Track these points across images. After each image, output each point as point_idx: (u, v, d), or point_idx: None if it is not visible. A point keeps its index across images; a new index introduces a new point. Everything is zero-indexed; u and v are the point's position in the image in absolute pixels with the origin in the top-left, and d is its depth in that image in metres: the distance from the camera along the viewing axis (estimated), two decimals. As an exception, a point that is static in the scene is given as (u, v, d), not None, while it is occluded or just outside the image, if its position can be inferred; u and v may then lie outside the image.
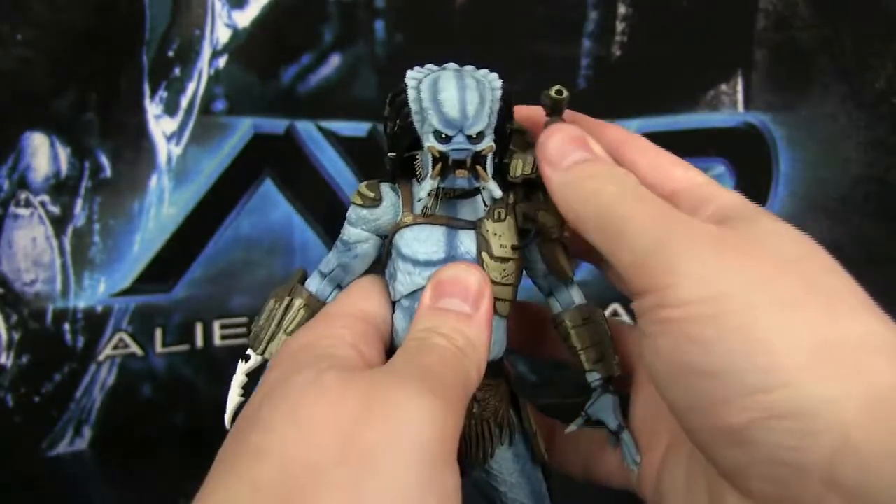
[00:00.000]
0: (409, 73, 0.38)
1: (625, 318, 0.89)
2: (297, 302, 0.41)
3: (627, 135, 0.42)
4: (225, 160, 0.83)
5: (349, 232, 0.40)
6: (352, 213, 0.40)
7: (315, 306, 0.41)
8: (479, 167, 0.35)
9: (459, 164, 0.35)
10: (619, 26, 0.86)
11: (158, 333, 0.83)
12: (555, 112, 0.39)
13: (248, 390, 0.42)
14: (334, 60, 0.85)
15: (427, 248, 0.38)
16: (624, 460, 0.40)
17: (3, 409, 0.76)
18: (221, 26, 0.80)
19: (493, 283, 0.38)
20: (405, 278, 0.38)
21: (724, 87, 0.85)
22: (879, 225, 0.75)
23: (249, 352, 0.43)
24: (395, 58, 0.86)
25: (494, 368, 0.39)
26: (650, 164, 0.40)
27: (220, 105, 0.82)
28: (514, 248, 0.39)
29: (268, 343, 0.42)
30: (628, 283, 0.33)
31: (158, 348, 0.83)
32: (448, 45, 0.83)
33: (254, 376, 0.42)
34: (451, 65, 0.38)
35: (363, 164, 0.88)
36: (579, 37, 0.87)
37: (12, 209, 0.74)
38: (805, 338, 0.29)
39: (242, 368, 0.43)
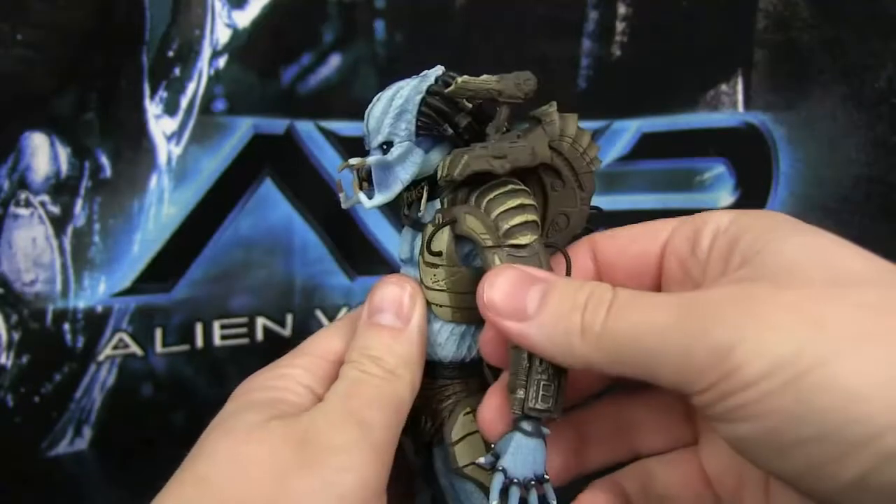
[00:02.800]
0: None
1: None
2: None
3: (594, 237, 0.40)
4: (225, 160, 0.83)
5: None
6: None
7: None
8: (356, 181, 0.38)
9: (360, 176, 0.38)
10: (619, 26, 0.86)
11: (158, 333, 0.83)
12: (492, 100, 0.37)
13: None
14: (334, 60, 0.85)
15: (403, 247, 0.41)
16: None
17: (3, 409, 0.76)
18: (221, 26, 0.80)
19: (426, 287, 0.38)
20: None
21: (724, 87, 0.85)
22: (879, 225, 0.75)
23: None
24: (395, 58, 0.86)
25: (461, 368, 0.39)
26: (630, 239, 0.38)
27: (220, 105, 0.82)
28: (439, 253, 0.37)
29: None
30: (678, 389, 0.30)
31: (158, 348, 0.83)
32: (448, 45, 0.83)
33: None
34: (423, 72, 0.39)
35: (363, 164, 0.88)
36: (579, 37, 0.87)
37: (12, 209, 0.74)
38: (885, 371, 0.26)
39: None
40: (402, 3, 0.85)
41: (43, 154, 0.75)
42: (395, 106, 0.38)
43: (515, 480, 0.34)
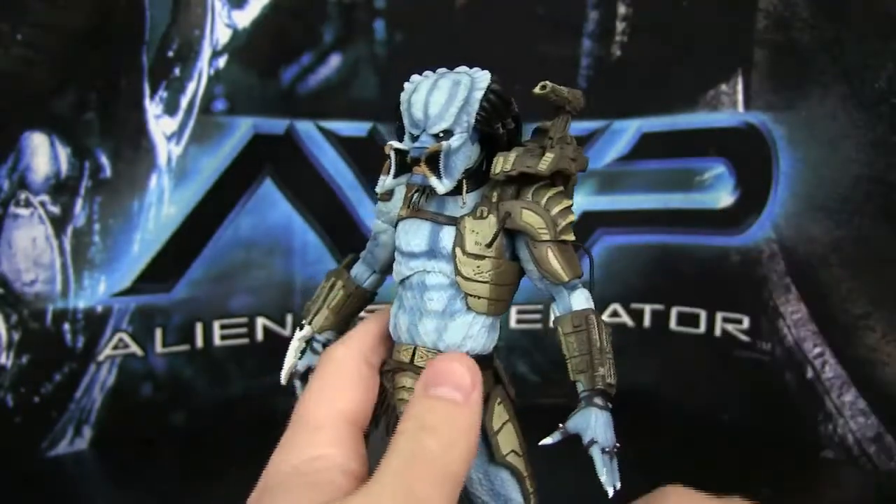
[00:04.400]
0: (412, 77, 0.40)
1: (625, 318, 0.89)
2: (339, 283, 0.46)
3: (662, 495, 0.40)
4: (225, 160, 0.83)
5: (374, 223, 0.44)
6: (376, 206, 0.44)
7: (350, 288, 0.46)
8: (422, 163, 0.37)
9: (416, 161, 0.37)
10: (619, 26, 0.86)
11: (158, 333, 0.83)
12: (558, 108, 0.39)
13: (302, 355, 0.46)
14: (334, 60, 0.85)
15: (413, 240, 0.40)
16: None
17: (3, 409, 0.76)
18: (221, 26, 0.80)
19: (466, 278, 0.39)
20: (396, 267, 0.41)
21: (724, 87, 0.85)
22: (879, 225, 0.75)
23: (304, 321, 0.46)
24: (395, 58, 0.86)
25: (480, 361, 0.39)
26: None
27: (220, 105, 0.82)
28: (488, 245, 0.39)
29: (314, 315, 0.46)
30: None
31: (158, 348, 0.83)
32: (448, 45, 0.83)
33: (308, 342, 0.46)
34: (441, 70, 0.39)
35: (363, 164, 0.88)
36: (579, 37, 0.87)
37: (12, 209, 0.74)
38: None
39: (298, 335, 0.46)
40: (402, 3, 0.85)
41: (43, 154, 0.75)
42: (461, 97, 0.38)
43: (606, 449, 0.37)
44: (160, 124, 0.80)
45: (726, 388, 0.89)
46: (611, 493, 0.37)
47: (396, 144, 0.37)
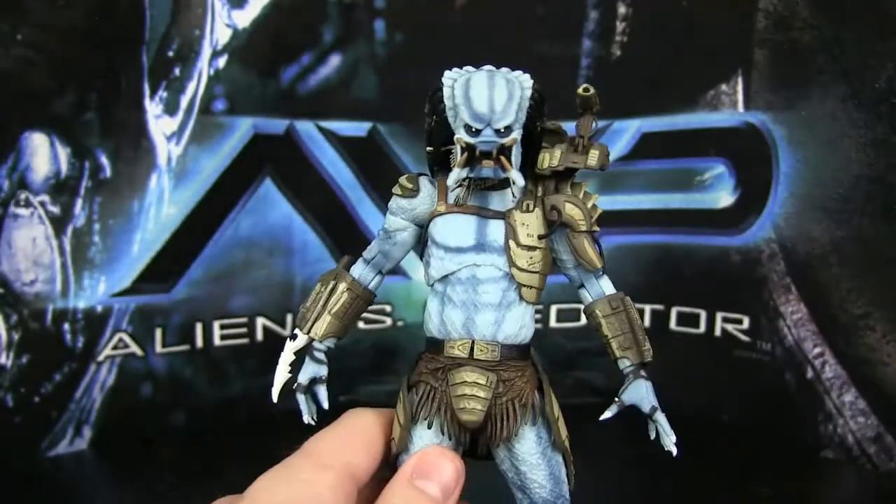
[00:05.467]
0: (447, 73, 0.40)
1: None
2: (341, 286, 0.44)
3: None
4: (225, 160, 0.83)
5: (389, 221, 0.44)
6: (392, 203, 0.44)
7: (357, 290, 0.44)
8: (503, 157, 0.38)
9: (486, 155, 0.38)
10: (619, 26, 0.86)
11: (158, 333, 0.83)
12: (586, 109, 0.41)
13: (294, 367, 0.44)
14: (334, 60, 0.85)
15: (458, 235, 0.41)
16: (661, 443, 0.42)
17: (3, 409, 0.76)
18: (221, 26, 0.80)
19: (520, 269, 0.41)
20: (438, 263, 0.42)
21: (724, 87, 0.85)
22: (879, 225, 0.75)
23: (297, 331, 0.44)
24: (395, 58, 0.86)
25: (521, 352, 0.42)
26: None
27: (220, 105, 0.82)
28: (540, 237, 0.41)
29: (313, 323, 0.44)
30: None
31: (158, 348, 0.83)
32: (448, 45, 0.83)
33: (300, 354, 0.44)
34: (487, 67, 0.40)
35: (363, 164, 0.88)
36: (579, 37, 0.87)
37: (12, 209, 0.74)
38: None
39: (290, 347, 0.44)
40: (402, 3, 0.85)
41: (43, 154, 0.75)
42: (517, 95, 0.40)
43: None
44: (160, 124, 0.80)
45: (726, 388, 0.89)
46: (675, 451, 0.41)
47: (467, 139, 0.38)
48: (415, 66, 0.84)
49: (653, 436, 0.42)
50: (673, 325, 0.91)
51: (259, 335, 0.87)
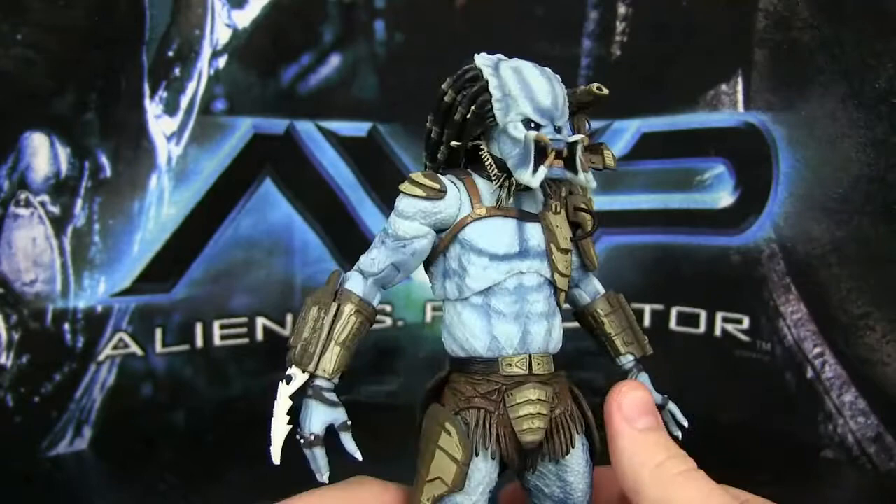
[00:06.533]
0: (480, 59, 0.37)
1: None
2: (347, 308, 0.37)
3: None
4: (225, 160, 0.83)
5: (404, 227, 0.37)
6: (408, 206, 0.37)
7: (366, 312, 0.37)
8: (579, 157, 0.36)
9: (558, 153, 0.35)
10: (619, 26, 0.86)
11: (158, 333, 0.83)
12: (593, 105, 0.40)
13: (293, 415, 0.35)
14: (334, 60, 0.85)
15: (504, 241, 0.38)
16: (670, 428, 0.42)
17: (3, 409, 0.76)
18: (221, 26, 0.80)
19: (561, 274, 0.39)
20: (479, 273, 0.37)
21: (724, 87, 0.85)
22: (879, 225, 0.75)
23: (292, 371, 0.36)
24: (395, 58, 0.86)
25: (556, 361, 0.39)
26: None
27: (220, 105, 0.82)
28: (571, 239, 0.40)
29: (319, 358, 0.36)
30: None
31: (158, 348, 0.83)
32: (448, 45, 0.83)
33: (297, 398, 0.36)
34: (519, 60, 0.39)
35: (363, 164, 0.88)
36: (579, 37, 0.87)
37: (12, 209, 0.74)
38: None
39: (286, 391, 0.36)
40: (402, 3, 0.85)
41: (43, 154, 0.75)
42: (564, 92, 0.38)
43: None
44: (160, 124, 0.80)
45: (726, 388, 0.89)
46: (680, 435, 0.42)
47: (549, 137, 0.35)
48: (415, 66, 0.84)
49: (673, 429, 0.43)
50: (673, 325, 0.91)
51: (259, 335, 0.87)
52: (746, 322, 0.87)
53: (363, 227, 0.89)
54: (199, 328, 0.85)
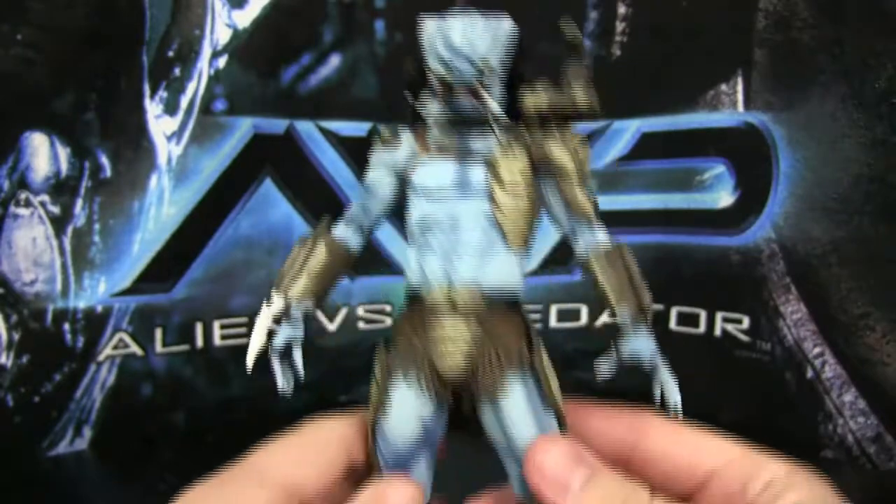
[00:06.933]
0: (426, 19, 0.40)
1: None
2: (320, 245, 0.43)
3: (643, 419, 0.40)
4: (225, 160, 0.83)
5: (369, 175, 0.43)
6: (372, 156, 0.43)
7: (337, 250, 0.43)
8: (480, 89, 0.37)
9: (462, 87, 0.37)
10: (619, 26, 0.86)
11: (158, 333, 0.83)
12: (572, 51, 0.41)
13: (271, 334, 0.42)
14: (334, 60, 0.85)
15: (439, 178, 0.40)
16: (666, 399, 0.39)
17: (3, 409, 0.76)
18: (221, 26, 0.80)
19: (504, 213, 0.39)
20: (416, 210, 0.40)
21: (724, 87, 0.85)
22: (879, 225, 0.75)
23: (273, 295, 0.43)
24: (395, 58, 0.86)
25: (507, 301, 0.40)
26: (680, 450, 0.39)
27: (220, 105, 0.82)
28: (524, 180, 0.40)
29: (290, 284, 0.43)
30: None
31: (158, 348, 0.83)
32: (448, 45, 0.83)
33: (277, 320, 0.42)
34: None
35: (363, 164, 0.88)
36: (579, 37, 0.87)
37: (12, 209, 0.74)
38: None
39: (267, 312, 0.43)
40: (402, 3, 0.85)
41: (43, 154, 0.75)
42: (495, 33, 0.40)
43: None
44: (160, 124, 0.80)
45: (726, 388, 0.89)
46: (679, 406, 0.39)
47: (442, 71, 0.37)
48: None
49: (657, 394, 0.39)
50: (673, 325, 0.91)
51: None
52: (746, 322, 0.87)
53: (363, 227, 0.89)
54: (199, 328, 0.85)
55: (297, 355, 0.42)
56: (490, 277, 0.39)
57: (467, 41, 0.38)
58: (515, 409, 0.39)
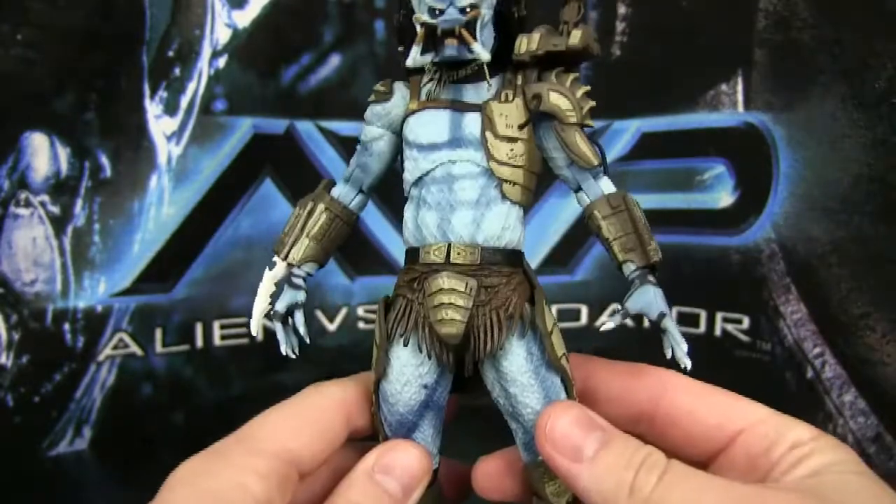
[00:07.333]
0: None
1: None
2: (320, 206, 0.42)
3: (667, 378, 0.40)
4: (225, 160, 0.83)
5: (365, 131, 0.42)
6: (367, 112, 0.42)
7: (336, 210, 0.42)
8: (464, 31, 0.35)
9: (449, 33, 0.35)
10: (619, 26, 0.86)
11: (158, 333, 0.83)
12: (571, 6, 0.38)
13: (274, 298, 0.42)
14: (334, 60, 0.85)
15: (431, 131, 0.38)
16: (675, 355, 0.38)
17: (3, 409, 0.76)
18: (221, 26, 0.80)
19: (500, 163, 0.37)
20: (412, 165, 0.39)
21: (724, 87, 0.85)
22: (879, 225, 0.75)
23: (275, 258, 0.43)
24: (395, 58, 0.86)
25: (507, 257, 0.38)
26: (707, 410, 0.39)
27: (220, 105, 0.82)
28: (520, 126, 0.38)
29: (291, 247, 0.42)
30: None
31: (158, 348, 0.83)
32: (448, 45, 0.83)
33: (280, 284, 0.42)
34: None
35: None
36: (579, 37, 0.87)
37: (12, 209, 0.74)
38: None
39: (269, 276, 0.42)
40: (402, 3, 0.85)
41: (43, 154, 0.75)
42: None
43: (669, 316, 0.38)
44: (160, 124, 0.80)
45: (726, 388, 0.89)
46: (689, 364, 0.38)
47: (425, 17, 0.36)
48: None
49: (668, 353, 0.38)
50: (673, 325, 0.91)
51: (259, 335, 0.87)
52: (746, 322, 0.87)
53: (363, 226, 0.89)
54: (199, 328, 0.85)
55: (300, 319, 0.41)
56: (488, 232, 0.37)
57: None
58: (518, 374, 0.38)
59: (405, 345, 0.38)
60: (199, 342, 0.85)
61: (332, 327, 0.89)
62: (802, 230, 0.81)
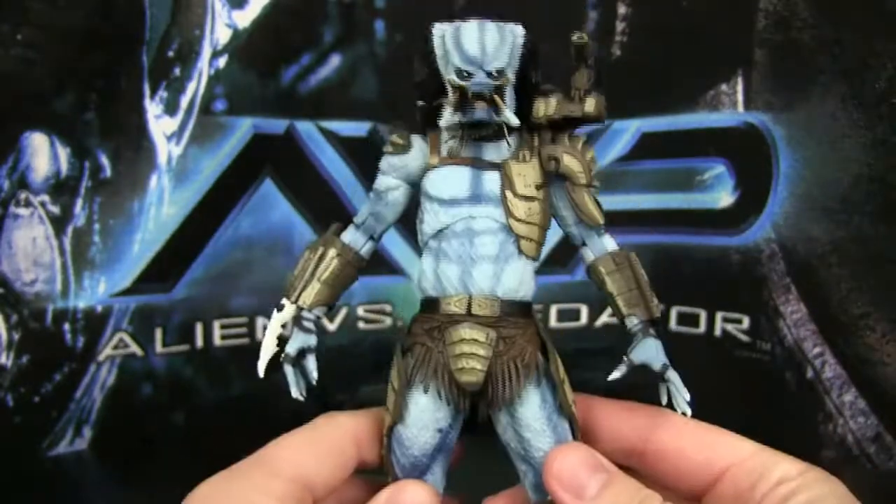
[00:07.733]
0: (437, 25, 0.41)
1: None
2: (331, 251, 0.43)
3: (658, 415, 0.41)
4: (225, 160, 0.83)
5: (380, 181, 0.43)
6: (383, 162, 0.43)
7: (348, 256, 0.43)
8: (495, 97, 0.37)
9: (478, 96, 0.37)
10: (619, 26, 0.86)
11: (158, 333, 0.83)
12: (579, 60, 0.41)
13: (282, 340, 0.42)
14: (334, 60, 0.85)
15: (452, 186, 0.40)
16: (675, 404, 0.40)
17: (3, 409, 0.76)
18: (221, 26, 0.80)
19: (518, 220, 0.40)
20: (431, 218, 0.41)
21: (724, 87, 0.85)
22: (879, 225, 0.75)
23: (283, 301, 0.43)
24: (395, 58, 0.86)
25: (522, 309, 0.41)
26: (694, 447, 0.40)
27: (220, 105, 0.82)
28: (537, 187, 0.40)
29: (301, 291, 0.43)
30: None
31: (158, 348, 0.83)
32: (448, 45, 0.83)
33: (287, 326, 0.43)
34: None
35: (363, 164, 0.88)
36: (579, 37, 0.87)
37: (12, 209, 0.74)
38: None
39: (277, 318, 0.43)
40: (402, 3, 0.85)
41: (43, 154, 0.75)
42: (509, 40, 0.40)
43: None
44: (160, 124, 0.80)
45: (726, 388, 0.89)
46: (689, 412, 0.40)
47: (458, 81, 0.38)
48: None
49: (664, 400, 0.41)
50: (673, 325, 0.91)
51: (259, 335, 0.87)
52: (746, 322, 0.87)
53: (363, 227, 0.89)
54: (199, 328, 0.85)
55: (312, 363, 0.42)
56: (507, 285, 0.40)
57: (483, 50, 0.38)
58: (533, 420, 0.40)
59: (425, 391, 0.39)
60: (200, 342, 0.85)
61: (332, 327, 0.89)
62: (802, 230, 0.81)
